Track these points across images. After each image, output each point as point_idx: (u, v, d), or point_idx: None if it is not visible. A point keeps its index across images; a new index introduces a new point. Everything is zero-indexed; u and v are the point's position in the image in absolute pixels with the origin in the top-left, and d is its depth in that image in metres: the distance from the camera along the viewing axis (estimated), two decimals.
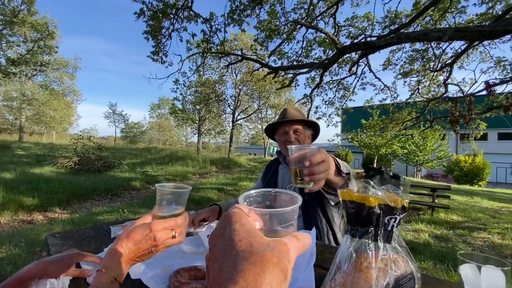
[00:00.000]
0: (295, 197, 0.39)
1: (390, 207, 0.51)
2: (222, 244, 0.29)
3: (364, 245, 0.51)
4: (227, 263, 0.26)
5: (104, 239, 1.04)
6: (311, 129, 1.43)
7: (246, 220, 0.31)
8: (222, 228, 0.30)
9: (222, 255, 0.28)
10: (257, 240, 0.28)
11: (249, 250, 0.26)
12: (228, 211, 0.32)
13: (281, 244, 0.28)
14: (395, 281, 0.50)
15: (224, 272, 0.26)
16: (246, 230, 0.29)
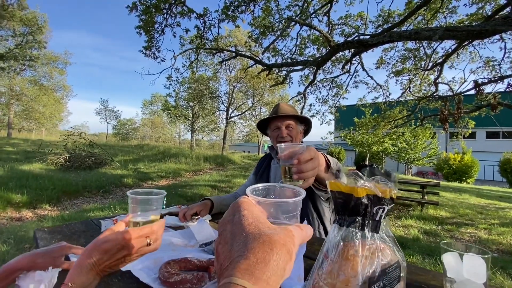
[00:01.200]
0: (298, 191, 0.41)
1: (378, 198, 0.52)
2: (232, 228, 0.30)
3: (351, 233, 0.52)
4: (237, 243, 0.28)
5: (94, 233, 1.03)
6: (303, 125, 1.44)
7: (254, 208, 0.33)
8: (231, 215, 0.32)
9: (232, 237, 0.29)
10: (265, 224, 0.30)
11: (258, 232, 0.28)
12: (237, 200, 0.34)
13: (287, 230, 0.30)
14: (382, 269, 0.51)
15: (235, 251, 0.27)
16: (254, 216, 0.31)
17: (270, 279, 0.25)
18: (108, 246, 0.50)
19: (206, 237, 0.92)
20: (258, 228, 0.29)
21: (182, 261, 0.70)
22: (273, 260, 0.26)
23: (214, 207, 1.32)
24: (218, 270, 0.29)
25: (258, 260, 0.25)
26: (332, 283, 0.50)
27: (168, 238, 0.91)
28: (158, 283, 0.64)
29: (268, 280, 0.24)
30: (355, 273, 0.49)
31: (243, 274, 0.24)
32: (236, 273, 0.24)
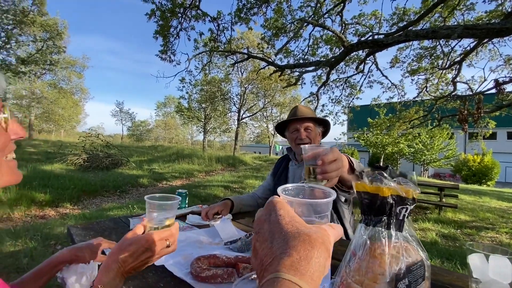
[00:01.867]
0: (328, 191, 0.42)
1: (401, 198, 0.54)
2: (270, 227, 0.32)
3: (378, 233, 0.54)
4: (277, 241, 0.30)
5: (123, 230, 1.09)
6: (321, 126, 1.46)
7: (289, 207, 0.35)
8: (267, 214, 0.34)
9: (271, 236, 0.31)
10: (301, 224, 0.32)
11: (296, 231, 0.30)
12: (271, 199, 0.36)
13: (323, 229, 0.32)
14: (407, 267, 0.53)
15: (275, 248, 0.29)
16: (291, 215, 0.33)
17: (313, 274, 0.26)
18: (133, 249, 0.53)
19: (230, 235, 0.96)
20: (296, 227, 0.31)
21: (211, 257, 0.74)
22: (315, 257, 0.27)
23: (234, 207, 1.36)
24: (258, 266, 0.31)
25: (301, 257, 0.27)
26: (360, 280, 0.53)
27: (195, 235, 0.96)
28: (190, 277, 0.68)
29: (312, 276, 0.26)
30: (382, 271, 0.51)
31: (288, 269, 0.26)
32: (282, 268, 0.26)
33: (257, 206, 1.57)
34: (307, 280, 0.25)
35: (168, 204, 0.60)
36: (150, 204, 0.59)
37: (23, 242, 2.77)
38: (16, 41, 16.08)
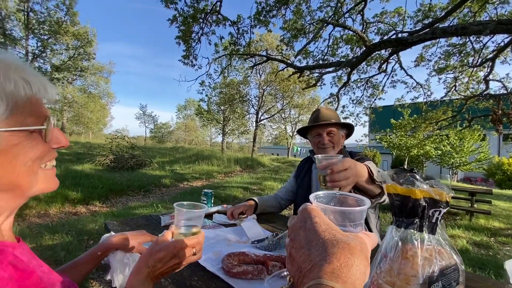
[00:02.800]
0: (361, 199, 0.42)
1: (434, 200, 0.54)
2: (306, 234, 0.33)
3: (410, 235, 0.55)
4: (315, 249, 0.30)
5: (155, 227, 1.15)
6: (344, 129, 1.45)
7: (323, 215, 0.35)
8: (302, 221, 0.35)
9: (307, 243, 0.31)
10: (338, 231, 0.32)
11: (334, 239, 0.30)
12: (305, 206, 0.37)
13: (360, 237, 0.32)
14: (440, 270, 0.53)
15: (314, 255, 0.29)
16: (326, 223, 0.33)
17: (355, 282, 0.26)
18: (162, 255, 0.55)
19: (257, 234, 0.99)
20: (333, 234, 0.31)
21: (241, 254, 0.77)
22: (355, 265, 0.27)
23: (258, 208, 1.39)
24: (295, 272, 0.31)
25: (342, 264, 0.27)
26: (391, 281, 0.53)
27: (223, 233, 1.00)
28: (222, 272, 0.72)
29: (354, 283, 0.26)
30: (415, 273, 0.52)
31: (330, 276, 0.26)
32: (323, 275, 0.26)
33: (279, 207, 1.59)
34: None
35: (195, 213, 0.62)
36: (178, 211, 0.62)
37: (60, 237, 2.98)
38: (51, 50, 17.32)
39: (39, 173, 0.47)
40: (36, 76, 0.47)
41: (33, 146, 0.45)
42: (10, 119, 0.43)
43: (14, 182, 0.44)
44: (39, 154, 0.46)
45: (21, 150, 0.44)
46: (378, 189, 1.01)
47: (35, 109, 0.46)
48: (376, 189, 1.00)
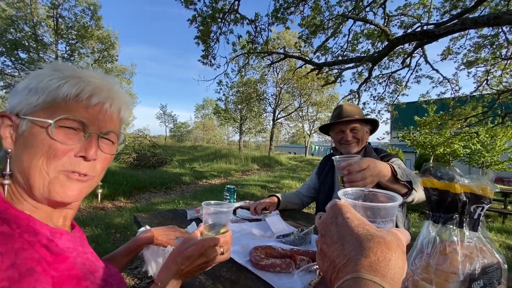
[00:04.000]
0: (392, 195, 0.41)
1: (476, 196, 0.52)
2: (338, 230, 0.32)
3: (449, 231, 0.53)
4: (349, 244, 0.30)
5: (182, 220, 1.19)
6: (369, 125, 1.41)
7: (354, 211, 0.35)
8: (333, 217, 0.34)
9: (340, 238, 0.31)
10: (371, 227, 0.31)
11: (369, 234, 0.30)
12: (335, 203, 0.36)
13: (394, 233, 0.31)
14: (482, 268, 0.51)
15: (348, 250, 0.29)
16: (358, 218, 0.33)
17: (394, 276, 0.26)
18: (189, 253, 0.56)
19: (281, 230, 1.00)
20: (367, 230, 0.30)
21: (268, 247, 0.78)
22: (393, 259, 0.27)
23: (280, 204, 1.40)
24: (328, 267, 0.31)
25: (379, 258, 0.26)
26: (428, 278, 0.52)
27: (248, 228, 1.02)
28: (250, 265, 0.73)
29: (393, 277, 0.26)
30: (454, 269, 0.50)
31: (368, 270, 0.25)
32: (361, 269, 0.26)
33: (301, 204, 1.58)
34: (389, 282, 0.24)
35: (223, 212, 0.62)
36: (206, 210, 0.62)
37: (90, 229, 3.16)
38: (78, 54, 18.29)
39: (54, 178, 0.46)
40: (92, 83, 0.49)
41: (42, 141, 0.46)
42: (40, 111, 0.46)
43: (26, 172, 0.46)
44: (46, 150, 0.45)
45: (35, 142, 0.46)
46: (404, 189, 0.99)
47: (69, 111, 0.47)
48: (401, 188, 0.98)
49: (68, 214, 0.53)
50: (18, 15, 14.90)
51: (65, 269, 0.44)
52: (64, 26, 16.75)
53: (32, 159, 0.46)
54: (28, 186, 0.46)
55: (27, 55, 15.82)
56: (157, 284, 0.54)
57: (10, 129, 0.48)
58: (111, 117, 0.54)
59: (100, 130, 0.51)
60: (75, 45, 17.47)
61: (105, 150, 0.53)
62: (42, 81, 0.47)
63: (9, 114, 0.48)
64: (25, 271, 0.36)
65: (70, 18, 16.84)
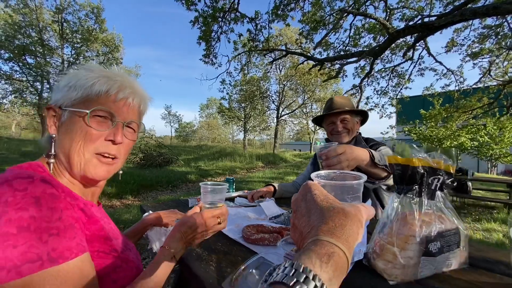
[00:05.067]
0: (359, 175, 0.45)
1: (433, 169, 0.59)
2: (307, 205, 0.37)
3: (409, 200, 0.60)
4: (314, 216, 0.34)
5: (184, 208, 1.28)
6: (359, 116, 1.48)
7: (322, 189, 0.39)
8: (303, 195, 0.39)
9: (307, 212, 0.36)
10: (335, 200, 0.36)
11: (331, 205, 0.34)
12: (306, 182, 0.40)
13: (356, 206, 0.36)
14: (439, 232, 0.58)
15: (313, 220, 0.33)
16: (324, 194, 0.37)
17: (348, 238, 0.30)
18: (192, 223, 0.65)
19: (273, 212, 1.08)
20: (330, 203, 0.35)
21: (259, 226, 0.86)
22: (348, 225, 0.31)
23: (276, 192, 1.48)
24: (297, 237, 0.36)
25: (336, 224, 0.31)
26: (392, 241, 0.59)
27: (244, 212, 1.10)
28: (242, 240, 0.82)
29: (347, 239, 0.30)
30: (412, 233, 0.57)
31: (326, 233, 0.30)
32: (320, 233, 0.30)
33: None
34: (342, 242, 0.29)
35: (218, 189, 0.72)
36: (204, 188, 0.72)
37: None
38: (84, 57, 18.60)
39: (89, 159, 0.59)
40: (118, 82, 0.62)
41: (81, 128, 0.58)
42: (76, 103, 0.59)
43: (67, 153, 0.58)
44: (83, 135, 0.58)
45: (74, 129, 0.58)
46: (384, 172, 1.06)
47: (100, 104, 0.59)
48: (381, 172, 1.05)
49: (96, 191, 0.67)
50: (25, 20, 15.23)
51: (95, 230, 0.55)
52: (69, 30, 17.05)
53: (72, 142, 0.58)
54: (68, 164, 0.59)
55: (34, 59, 16.18)
56: (164, 247, 0.63)
57: (54, 118, 0.61)
58: (133, 109, 0.65)
59: (124, 120, 0.63)
60: (80, 49, 17.76)
61: (128, 137, 0.65)
62: (80, 80, 0.59)
63: (54, 107, 0.60)
64: (68, 225, 0.46)
65: (74, 22, 17.13)
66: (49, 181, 0.49)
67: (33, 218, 0.42)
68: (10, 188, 0.44)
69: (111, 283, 0.53)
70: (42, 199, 0.45)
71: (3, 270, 0.39)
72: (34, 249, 0.41)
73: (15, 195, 0.43)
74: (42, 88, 18.23)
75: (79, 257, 0.46)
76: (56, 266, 0.42)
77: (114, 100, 0.61)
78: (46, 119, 0.60)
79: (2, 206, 0.42)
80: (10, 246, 0.40)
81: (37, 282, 0.41)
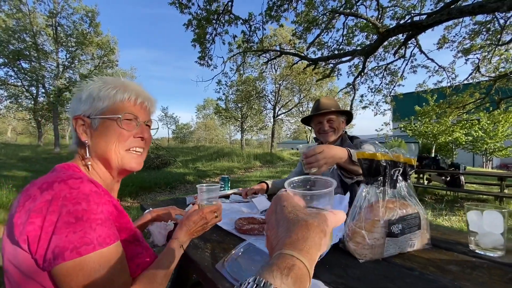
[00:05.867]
0: (330, 181, 0.45)
1: (394, 162, 0.69)
2: (276, 217, 0.39)
3: (374, 189, 0.70)
4: (281, 228, 0.36)
5: (181, 206, 1.37)
6: (344, 116, 1.58)
7: (292, 199, 0.41)
8: (274, 207, 0.41)
9: (277, 224, 0.38)
10: (301, 211, 0.38)
11: (296, 218, 0.36)
12: (278, 193, 0.43)
13: (321, 215, 0.37)
14: (400, 217, 0.68)
15: (280, 233, 0.36)
16: (293, 205, 0.39)
17: (310, 250, 0.32)
18: (194, 218, 0.79)
19: (265, 206, 1.17)
20: (296, 214, 0.37)
21: (250, 218, 0.95)
22: (311, 237, 0.33)
23: (269, 189, 1.57)
24: (269, 249, 0.38)
25: (299, 237, 0.33)
26: (361, 225, 0.69)
27: (238, 207, 1.19)
28: (235, 230, 0.91)
29: (308, 251, 0.32)
30: (377, 217, 0.67)
31: (289, 247, 0.32)
32: (283, 247, 0.33)
33: None
34: (303, 255, 0.31)
35: (212, 188, 0.86)
36: (200, 189, 0.85)
37: None
38: (78, 61, 18.56)
39: (124, 154, 0.71)
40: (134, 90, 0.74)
41: (115, 130, 0.69)
42: (106, 111, 0.69)
43: (105, 156, 0.70)
44: (117, 136, 0.69)
45: (109, 132, 0.69)
46: None
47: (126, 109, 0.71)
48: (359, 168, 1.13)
49: (117, 188, 0.81)
50: (18, 25, 15.17)
51: (124, 222, 0.66)
52: (63, 34, 17.00)
53: (108, 144, 0.69)
54: (107, 162, 0.71)
55: (29, 64, 16.12)
56: (174, 239, 0.76)
57: (83, 127, 0.70)
58: (147, 111, 0.79)
59: (144, 120, 0.76)
60: (75, 52, 17.72)
61: (149, 133, 0.81)
62: (101, 91, 0.70)
63: (82, 117, 0.70)
64: (107, 217, 0.58)
65: (68, 26, 17.08)
66: (93, 181, 0.61)
67: (85, 210, 0.53)
68: (67, 186, 0.55)
69: (135, 267, 0.64)
70: (90, 196, 0.56)
71: (67, 250, 0.50)
72: (88, 234, 0.52)
73: (71, 192, 0.54)
74: (38, 92, 18.18)
75: (115, 243, 0.57)
76: (103, 248, 0.54)
77: (135, 104, 0.73)
78: (76, 128, 0.70)
79: (62, 200, 0.52)
80: (71, 232, 0.51)
81: (90, 260, 0.52)
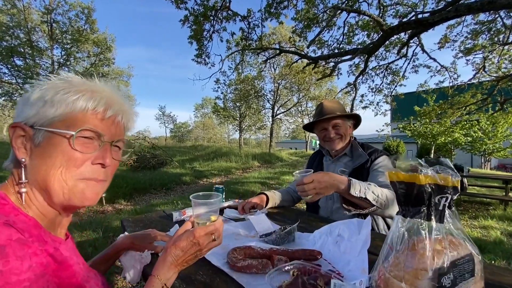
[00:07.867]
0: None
1: (440, 186, 0.50)
2: None
3: (417, 224, 0.51)
4: None
5: (167, 223, 1.18)
6: (351, 120, 1.39)
7: None
8: None
9: None
10: None
11: None
12: None
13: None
14: (451, 262, 0.49)
15: None
16: None
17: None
18: (183, 244, 0.58)
19: (265, 228, 0.98)
20: None
21: (247, 248, 0.76)
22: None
23: (269, 202, 1.38)
24: None
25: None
26: (399, 275, 0.50)
27: (232, 228, 1.00)
28: (227, 267, 0.72)
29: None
30: (425, 266, 0.48)
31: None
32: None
33: (292, 200, 1.56)
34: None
35: (211, 202, 0.65)
36: (195, 202, 0.65)
37: (87, 234, 3.16)
38: (74, 58, 18.24)
39: (73, 185, 0.50)
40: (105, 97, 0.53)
41: (63, 151, 0.48)
42: (56, 122, 0.48)
43: (44, 184, 0.48)
44: (66, 160, 0.48)
45: (54, 152, 0.48)
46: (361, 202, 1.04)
47: (86, 122, 0.50)
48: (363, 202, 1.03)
49: (66, 223, 0.57)
50: (12, 21, 14.84)
51: (66, 277, 0.47)
52: (58, 31, 16.68)
53: (50, 169, 0.48)
54: (46, 193, 0.49)
55: (23, 61, 15.80)
56: (154, 276, 0.56)
57: (23, 139, 0.49)
58: (121, 127, 0.58)
59: (112, 139, 0.55)
60: (70, 50, 17.41)
61: (115, 157, 0.58)
62: (58, 94, 0.49)
63: (22, 125, 0.49)
64: (39, 273, 0.41)
65: (64, 23, 16.75)
66: (12, 223, 0.42)
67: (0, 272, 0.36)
68: None
69: None
70: (8, 248, 0.38)
71: None
72: None
73: None
74: None
75: None
76: None
77: (103, 117, 0.53)
78: (12, 140, 0.49)
79: None
80: None
81: None
